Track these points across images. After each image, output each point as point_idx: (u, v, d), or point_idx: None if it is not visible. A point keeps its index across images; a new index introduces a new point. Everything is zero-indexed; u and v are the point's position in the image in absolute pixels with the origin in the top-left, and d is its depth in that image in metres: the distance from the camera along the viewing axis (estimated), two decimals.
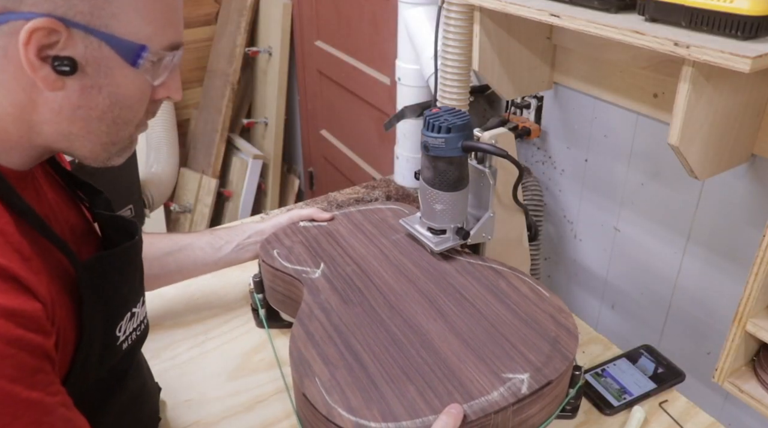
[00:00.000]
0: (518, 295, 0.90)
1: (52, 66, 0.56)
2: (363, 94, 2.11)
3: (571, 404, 0.89)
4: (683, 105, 0.81)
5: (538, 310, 0.87)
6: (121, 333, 0.71)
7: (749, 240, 1.04)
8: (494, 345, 0.81)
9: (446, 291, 0.92)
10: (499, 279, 0.94)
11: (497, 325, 0.84)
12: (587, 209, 1.36)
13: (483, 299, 0.90)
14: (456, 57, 1.19)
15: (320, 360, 0.80)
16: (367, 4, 1.94)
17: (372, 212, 1.14)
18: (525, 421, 0.76)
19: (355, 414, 0.72)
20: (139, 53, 0.60)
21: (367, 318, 0.87)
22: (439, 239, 1.00)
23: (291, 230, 1.09)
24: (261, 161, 2.66)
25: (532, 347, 0.81)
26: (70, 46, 0.56)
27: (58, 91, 0.58)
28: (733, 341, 0.86)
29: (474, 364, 0.78)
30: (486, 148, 0.94)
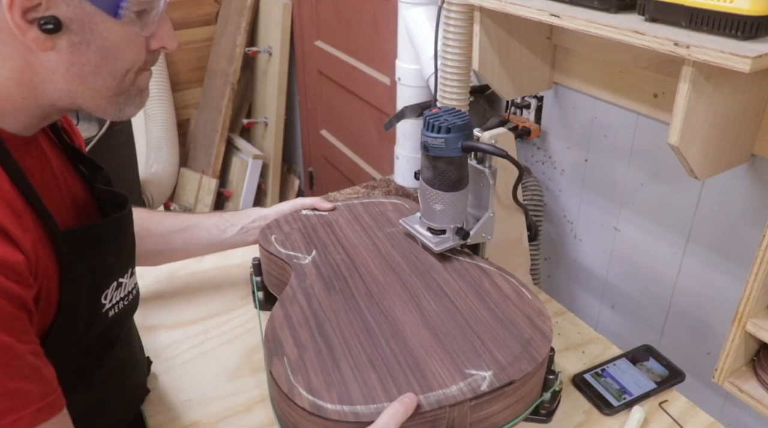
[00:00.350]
0: (500, 295, 0.91)
1: (39, 26, 0.59)
2: (363, 94, 2.11)
3: (546, 408, 0.89)
4: (683, 105, 0.81)
5: (517, 311, 0.87)
6: (107, 301, 0.74)
7: (749, 240, 1.04)
8: (464, 341, 0.82)
9: (429, 286, 0.93)
10: (484, 278, 0.94)
11: (472, 322, 0.85)
12: (587, 209, 1.36)
13: (463, 296, 0.90)
14: (456, 57, 1.19)
15: (292, 341, 0.82)
16: (367, 4, 1.94)
17: (373, 205, 1.16)
18: (486, 419, 0.77)
19: (313, 395, 0.74)
20: (118, 4, 0.62)
21: (345, 306, 0.89)
22: (439, 239, 1.00)
23: (292, 218, 1.11)
24: (261, 161, 2.66)
25: (502, 346, 0.81)
26: (52, 6, 0.59)
27: (50, 52, 0.61)
28: (733, 341, 0.87)
29: (440, 358, 0.79)
30: (486, 148, 0.94)
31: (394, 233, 1.06)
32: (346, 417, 0.71)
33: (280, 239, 1.05)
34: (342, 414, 0.72)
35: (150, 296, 1.16)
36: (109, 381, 0.80)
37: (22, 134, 0.67)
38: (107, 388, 0.80)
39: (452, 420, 0.75)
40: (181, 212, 1.12)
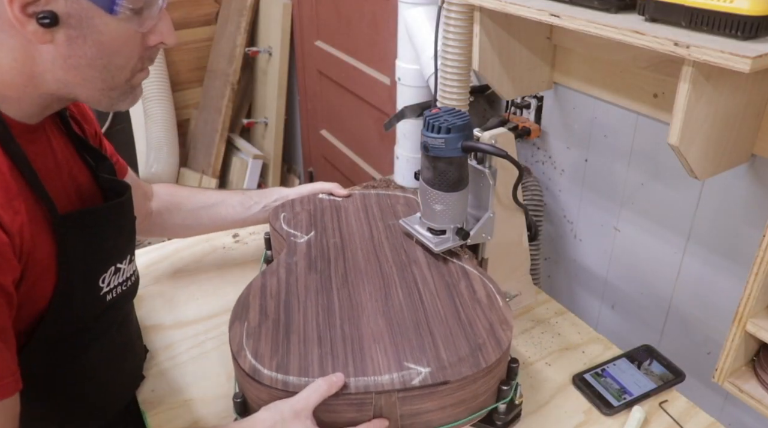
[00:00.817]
0: (471, 298, 0.91)
1: (37, 20, 0.62)
2: (363, 94, 2.11)
3: (502, 419, 0.87)
4: (683, 105, 0.81)
5: (482, 316, 0.87)
6: (105, 285, 0.78)
7: (749, 240, 1.04)
8: (416, 336, 0.83)
9: (404, 279, 0.95)
10: (463, 280, 0.95)
11: (431, 319, 0.86)
12: (587, 209, 1.36)
13: (434, 293, 0.92)
14: (456, 57, 1.19)
15: (258, 308, 0.88)
16: (367, 4, 1.94)
17: (387, 197, 1.20)
18: (418, 414, 0.79)
19: (257, 359, 0.80)
20: (113, 1, 0.64)
21: (318, 286, 0.93)
22: (439, 240, 1.00)
23: (308, 199, 1.17)
24: (261, 161, 2.66)
25: (451, 346, 0.81)
26: (51, 1, 0.62)
27: (48, 44, 0.64)
28: (733, 341, 0.87)
29: (384, 347, 0.81)
30: (486, 148, 0.94)
31: (395, 226, 1.09)
32: (276, 384, 0.77)
33: (288, 217, 1.11)
34: (274, 380, 0.77)
35: (150, 296, 1.16)
36: (105, 362, 0.83)
37: (27, 122, 0.70)
38: (103, 369, 0.83)
39: (380, 408, 0.77)
40: (208, 189, 1.21)
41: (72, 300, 0.72)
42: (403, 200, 1.19)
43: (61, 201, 0.71)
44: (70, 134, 0.80)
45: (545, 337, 1.08)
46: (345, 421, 0.77)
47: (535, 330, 1.09)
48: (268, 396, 0.77)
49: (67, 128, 0.80)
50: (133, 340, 0.95)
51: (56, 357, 0.75)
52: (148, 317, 1.10)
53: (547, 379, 0.99)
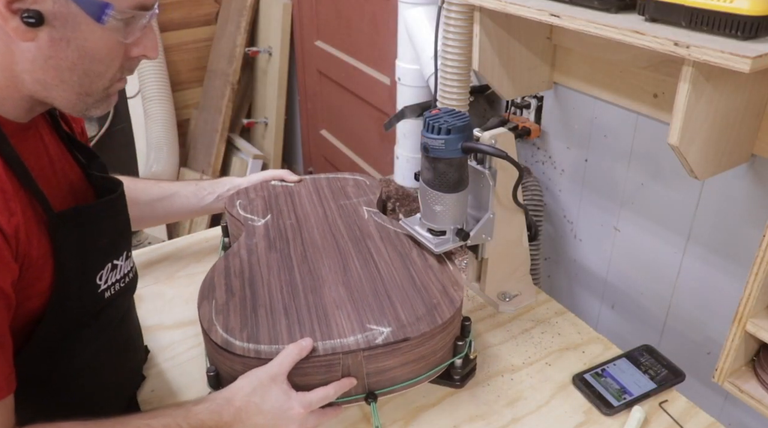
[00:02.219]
0: (423, 264, 0.98)
1: (21, 18, 0.61)
2: (363, 94, 2.11)
3: (459, 373, 0.95)
4: (683, 105, 0.81)
5: (434, 279, 0.94)
6: (103, 282, 0.78)
7: (749, 240, 1.04)
8: (375, 300, 0.90)
9: (360, 251, 1.01)
10: (414, 249, 1.02)
11: (388, 285, 0.93)
12: (587, 209, 1.36)
13: (389, 262, 0.98)
14: (456, 57, 1.19)
15: (224, 287, 0.92)
16: (367, 4, 1.94)
17: (336, 180, 1.24)
18: (383, 371, 0.85)
19: (228, 333, 0.84)
20: (103, 10, 0.64)
21: (280, 263, 0.98)
22: (439, 241, 1.00)
23: (261, 187, 1.20)
24: (261, 161, 2.66)
25: (408, 307, 0.88)
26: (39, 0, 0.61)
27: (30, 42, 0.64)
28: (733, 341, 0.87)
29: (347, 312, 0.87)
30: (486, 149, 0.94)
31: (347, 205, 1.14)
32: (249, 353, 0.81)
33: (244, 204, 1.14)
34: (246, 350, 0.81)
35: (150, 296, 1.16)
36: (105, 361, 0.83)
37: (18, 121, 0.70)
38: (102, 369, 0.83)
39: (347, 367, 0.83)
40: (163, 181, 1.23)
41: (69, 298, 0.73)
42: (352, 181, 1.23)
43: (55, 199, 0.71)
44: (60, 132, 0.80)
45: (545, 337, 1.08)
46: (316, 383, 0.82)
47: (535, 330, 1.09)
48: (242, 366, 0.81)
49: (56, 126, 0.80)
50: (134, 339, 0.95)
51: (55, 355, 0.75)
52: (148, 317, 1.10)
53: (547, 379, 0.99)
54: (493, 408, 0.93)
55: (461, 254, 1.27)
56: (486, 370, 1.00)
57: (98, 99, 0.72)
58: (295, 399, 0.79)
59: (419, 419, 0.91)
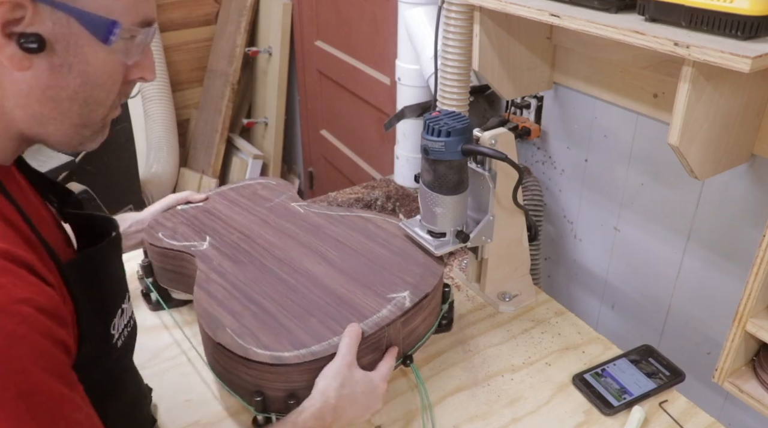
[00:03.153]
0: (387, 234, 1.05)
1: (18, 44, 0.54)
2: (363, 94, 2.11)
3: (446, 318, 1.05)
4: (683, 105, 0.81)
5: (405, 243, 1.02)
6: (115, 331, 0.70)
7: (749, 240, 1.04)
8: (374, 274, 0.95)
9: (324, 240, 1.03)
10: (368, 224, 1.07)
11: (373, 259, 0.99)
12: (587, 209, 1.36)
13: (357, 241, 1.03)
14: (456, 57, 1.19)
15: (227, 313, 0.89)
16: (367, 4, 1.94)
17: (243, 187, 1.23)
18: (412, 332, 0.92)
19: (268, 349, 0.82)
20: (110, 29, 0.57)
21: (259, 273, 0.97)
22: (439, 243, 1.00)
23: (170, 214, 1.15)
24: (261, 161, 2.66)
25: (406, 271, 0.96)
26: (37, 22, 0.54)
27: (26, 71, 0.56)
28: (733, 341, 0.87)
29: (361, 292, 0.91)
30: (485, 151, 0.94)
31: (275, 206, 1.14)
32: (305, 358, 0.80)
33: (168, 234, 1.07)
34: (301, 356, 0.80)
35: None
36: (122, 416, 0.75)
37: (2, 164, 0.62)
38: (120, 425, 0.74)
39: (389, 338, 0.88)
40: None
41: (90, 357, 0.62)
42: (259, 186, 1.23)
43: (57, 248, 0.62)
44: (26, 170, 0.71)
45: (545, 337, 1.08)
46: (367, 362, 0.85)
47: (535, 330, 1.09)
48: (300, 374, 0.81)
49: (22, 164, 0.70)
50: (142, 385, 0.85)
51: None
52: (148, 318, 1.10)
53: (547, 379, 0.99)
54: (493, 408, 0.94)
55: (461, 255, 1.27)
56: (486, 370, 1.00)
57: (95, 131, 0.64)
58: (375, 377, 0.83)
59: (419, 419, 0.91)
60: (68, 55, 0.57)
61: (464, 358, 1.03)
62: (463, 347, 1.05)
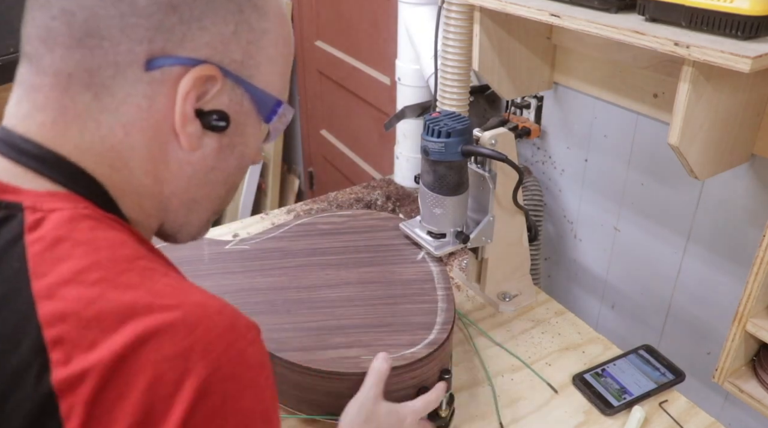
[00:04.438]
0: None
1: (203, 121, 0.48)
2: (363, 94, 2.11)
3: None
4: (683, 105, 0.81)
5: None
6: None
7: (749, 240, 1.04)
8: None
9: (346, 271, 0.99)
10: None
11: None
12: (587, 209, 1.36)
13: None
14: (456, 57, 1.19)
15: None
16: (367, 4, 1.94)
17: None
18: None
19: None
20: (275, 109, 0.53)
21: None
22: (439, 243, 1.00)
23: None
24: (261, 161, 2.66)
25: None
26: (218, 97, 0.49)
27: (197, 151, 0.50)
28: (733, 341, 0.87)
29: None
30: (485, 152, 0.94)
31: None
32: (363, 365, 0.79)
33: None
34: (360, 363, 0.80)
35: None
36: None
37: None
38: None
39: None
40: None
41: None
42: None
43: None
44: None
45: (545, 337, 1.08)
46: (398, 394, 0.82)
47: (535, 330, 1.09)
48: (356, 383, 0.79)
49: None
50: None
51: None
52: None
53: (547, 379, 0.99)
54: (493, 408, 0.93)
55: (461, 255, 1.28)
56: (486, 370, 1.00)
57: (215, 219, 0.58)
58: (403, 410, 0.78)
59: None
60: (236, 135, 0.52)
61: (464, 358, 1.03)
62: (463, 347, 1.05)
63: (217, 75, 0.48)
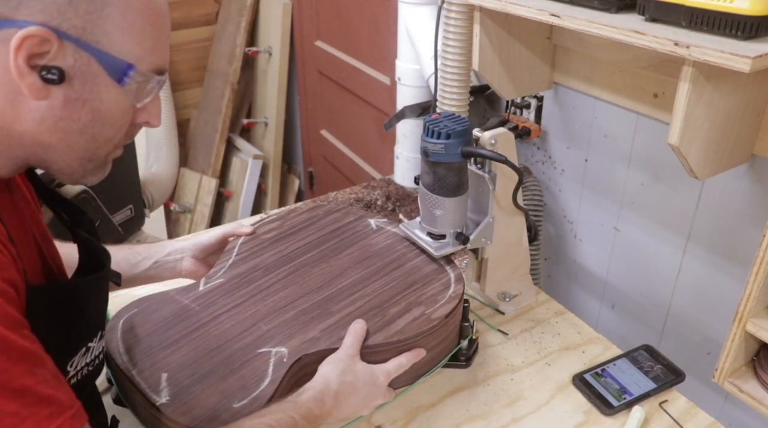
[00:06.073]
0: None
1: (40, 74, 0.57)
2: (363, 94, 2.11)
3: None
4: (683, 105, 0.81)
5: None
6: (72, 368, 0.68)
7: (749, 240, 1.04)
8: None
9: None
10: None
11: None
12: (587, 209, 1.36)
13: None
14: (456, 57, 1.19)
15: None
16: (367, 4, 1.94)
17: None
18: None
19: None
20: (125, 71, 0.61)
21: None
22: (439, 244, 1.00)
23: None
24: (261, 161, 2.66)
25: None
26: (60, 57, 0.57)
27: (42, 101, 0.59)
28: (733, 341, 0.86)
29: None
30: (485, 153, 0.94)
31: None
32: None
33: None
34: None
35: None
36: None
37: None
38: None
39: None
40: None
41: None
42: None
43: (29, 270, 0.62)
44: (38, 188, 0.73)
45: (545, 337, 1.08)
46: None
47: (535, 330, 1.09)
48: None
49: (34, 180, 0.73)
50: (102, 418, 0.80)
51: None
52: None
53: (547, 379, 0.99)
54: (493, 408, 0.93)
55: (461, 254, 1.27)
56: (486, 370, 1.00)
57: (97, 166, 0.67)
58: (378, 370, 0.85)
59: (419, 419, 0.91)
60: (84, 91, 0.60)
61: None
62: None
63: (51, 37, 0.56)
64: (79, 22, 0.58)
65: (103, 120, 0.63)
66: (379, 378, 0.85)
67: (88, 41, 0.58)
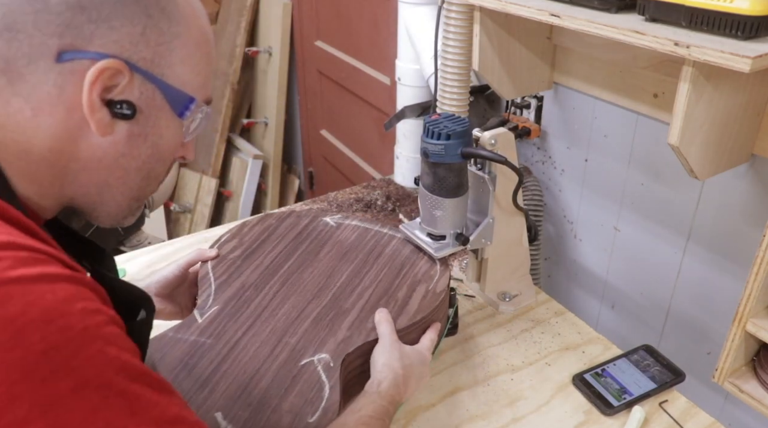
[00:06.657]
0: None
1: (111, 109, 0.55)
2: (363, 94, 2.11)
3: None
4: (683, 105, 0.81)
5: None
6: None
7: (749, 240, 1.04)
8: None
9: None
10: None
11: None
12: (587, 209, 1.36)
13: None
14: (456, 57, 1.19)
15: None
16: (367, 4, 1.94)
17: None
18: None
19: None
20: (187, 105, 0.60)
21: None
22: (439, 245, 1.00)
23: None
24: (261, 161, 2.66)
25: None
26: (128, 90, 0.55)
27: (107, 137, 0.56)
28: (733, 341, 0.86)
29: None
30: (485, 154, 0.94)
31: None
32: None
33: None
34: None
35: None
36: None
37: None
38: None
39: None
40: None
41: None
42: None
43: None
44: (62, 229, 0.65)
45: (545, 337, 1.08)
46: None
47: (535, 330, 1.09)
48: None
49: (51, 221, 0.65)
50: None
51: None
52: None
53: (547, 379, 0.99)
54: (493, 408, 0.94)
55: (461, 255, 1.28)
56: (486, 370, 1.00)
57: (138, 207, 0.64)
58: (421, 348, 0.88)
59: (419, 419, 0.91)
60: (147, 125, 0.58)
61: (464, 358, 1.03)
62: (462, 347, 1.05)
63: (124, 69, 0.54)
64: (149, 53, 0.56)
65: (158, 155, 0.60)
66: (426, 357, 0.88)
67: (155, 74, 0.56)
